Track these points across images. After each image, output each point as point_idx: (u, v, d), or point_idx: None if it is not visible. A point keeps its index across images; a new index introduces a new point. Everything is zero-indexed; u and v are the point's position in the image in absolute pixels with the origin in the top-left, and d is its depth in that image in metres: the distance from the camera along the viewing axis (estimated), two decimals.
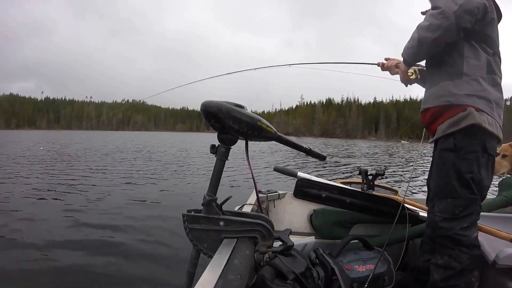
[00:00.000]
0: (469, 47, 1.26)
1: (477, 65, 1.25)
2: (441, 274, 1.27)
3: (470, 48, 1.26)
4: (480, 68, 1.25)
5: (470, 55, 1.26)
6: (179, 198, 5.86)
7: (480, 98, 1.23)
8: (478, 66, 1.25)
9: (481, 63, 1.26)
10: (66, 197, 5.62)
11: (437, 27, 1.21)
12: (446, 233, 1.27)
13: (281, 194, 1.93)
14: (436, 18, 1.20)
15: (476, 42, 1.27)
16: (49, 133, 59.75)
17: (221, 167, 1.12)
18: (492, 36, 1.30)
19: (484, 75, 1.25)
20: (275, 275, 1.07)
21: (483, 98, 1.24)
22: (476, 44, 1.27)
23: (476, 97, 1.23)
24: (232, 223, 1.07)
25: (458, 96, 1.24)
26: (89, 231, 3.80)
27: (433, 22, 1.21)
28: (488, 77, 1.26)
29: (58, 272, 2.75)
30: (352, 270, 1.35)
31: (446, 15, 1.18)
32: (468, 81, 1.24)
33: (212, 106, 1.04)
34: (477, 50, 1.26)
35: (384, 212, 1.75)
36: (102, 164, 11.01)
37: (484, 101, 1.24)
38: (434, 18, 1.21)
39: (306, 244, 1.59)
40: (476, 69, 1.25)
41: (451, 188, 1.27)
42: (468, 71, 1.25)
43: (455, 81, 1.26)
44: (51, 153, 15.51)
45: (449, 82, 1.28)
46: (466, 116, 1.22)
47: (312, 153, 1.36)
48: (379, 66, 1.67)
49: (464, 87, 1.24)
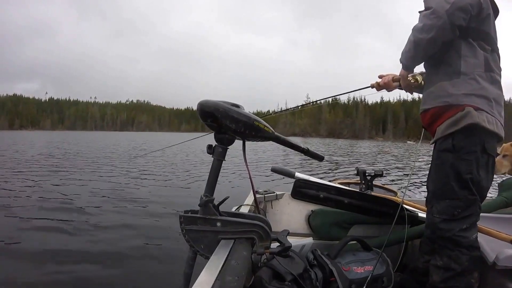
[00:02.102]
0: (466, 45, 1.25)
1: (475, 63, 1.24)
2: (441, 275, 1.26)
3: (467, 46, 1.25)
4: (478, 66, 1.24)
5: (468, 53, 1.25)
6: (176, 199, 5.83)
7: (479, 96, 1.22)
8: (476, 64, 1.24)
9: (479, 61, 1.25)
10: (60, 197, 5.60)
11: (430, 27, 1.20)
12: (445, 235, 1.26)
13: (278, 194, 1.92)
14: (429, 18, 1.20)
15: (473, 39, 1.26)
16: (51, 134, 59.32)
17: (218, 168, 1.10)
18: (490, 33, 1.29)
19: (482, 73, 1.24)
20: (272, 276, 1.06)
21: (482, 96, 1.23)
22: (473, 41, 1.26)
23: (474, 96, 1.22)
24: (229, 224, 1.06)
25: (456, 96, 1.23)
26: (84, 232, 3.77)
27: (426, 23, 1.21)
28: (487, 75, 1.25)
29: (53, 274, 2.73)
30: (351, 272, 1.34)
31: (438, 15, 1.17)
32: (466, 80, 1.23)
33: (209, 106, 1.03)
34: (474, 48, 1.25)
35: (382, 213, 1.74)
36: (98, 165, 10.97)
37: (483, 100, 1.23)
38: (427, 19, 1.21)
39: (304, 245, 1.58)
40: (474, 67, 1.24)
41: (450, 189, 1.26)
42: (466, 70, 1.24)
43: (453, 80, 1.25)
44: (50, 153, 15.46)
45: (447, 82, 1.27)
46: (465, 116, 1.21)
47: (310, 153, 1.35)
48: (373, 88, 1.63)
49: (462, 87, 1.23)
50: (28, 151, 16.31)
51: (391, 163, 15.68)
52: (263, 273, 1.04)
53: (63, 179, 7.58)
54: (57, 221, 4.17)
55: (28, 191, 6.07)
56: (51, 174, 8.44)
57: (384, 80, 1.57)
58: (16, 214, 4.45)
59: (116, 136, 52.92)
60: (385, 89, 1.59)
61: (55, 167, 10.05)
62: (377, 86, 1.61)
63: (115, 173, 8.92)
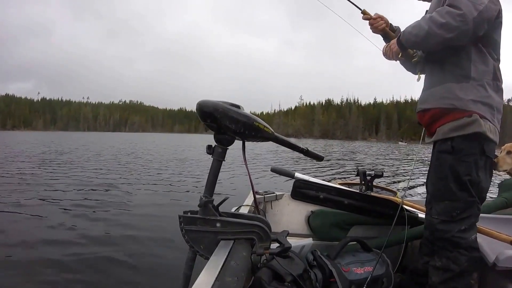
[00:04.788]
0: (477, 51, 1.24)
1: (485, 70, 1.24)
2: (440, 276, 1.26)
3: (477, 52, 1.24)
4: (488, 74, 1.24)
5: (478, 59, 1.24)
6: (175, 200, 5.83)
7: (485, 104, 1.23)
8: (486, 72, 1.24)
9: (488, 69, 1.25)
10: (60, 198, 5.59)
11: (453, 28, 1.15)
12: (444, 236, 1.26)
13: (278, 195, 1.92)
14: (454, 19, 1.14)
15: (483, 46, 1.25)
16: (44, 135, 58.97)
17: (218, 168, 1.10)
18: (498, 41, 1.28)
19: (490, 81, 1.24)
20: (272, 277, 1.06)
21: (487, 104, 1.23)
22: (483, 48, 1.25)
23: (481, 103, 1.22)
24: (229, 224, 1.06)
25: (464, 101, 1.22)
26: (83, 233, 3.76)
27: (451, 22, 1.15)
28: (493, 83, 1.25)
29: (54, 274, 2.73)
30: (350, 272, 1.34)
31: (465, 19, 1.13)
32: (475, 86, 1.23)
33: (208, 106, 1.03)
34: (485, 55, 1.25)
35: (382, 214, 1.74)
36: (98, 166, 10.96)
37: (488, 108, 1.23)
38: (452, 19, 1.15)
39: (304, 245, 1.57)
40: (483, 74, 1.24)
41: (449, 190, 1.26)
42: (476, 75, 1.23)
43: (462, 84, 1.24)
44: (48, 153, 15.46)
45: (455, 84, 1.25)
46: (472, 123, 1.21)
47: (309, 153, 1.35)
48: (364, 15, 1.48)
49: (471, 92, 1.22)
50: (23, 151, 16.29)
51: (391, 163, 15.70)
52: (263, 274, 1.04)
53: (59, 181, 7.57)
54: (57, 221, 4.17)
55: (25, 192, 6.07)
56: (49, 174, 8.44)
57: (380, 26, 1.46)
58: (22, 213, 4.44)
59: (110, 137, 52.64)
60: (373, 26, 1.47)
61: (54, 167, 10.04)
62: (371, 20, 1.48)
63: (115, 173, 8.92)
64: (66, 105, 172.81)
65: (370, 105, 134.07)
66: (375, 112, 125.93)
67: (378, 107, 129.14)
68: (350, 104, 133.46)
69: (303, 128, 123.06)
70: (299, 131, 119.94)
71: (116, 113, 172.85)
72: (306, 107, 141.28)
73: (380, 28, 1.47)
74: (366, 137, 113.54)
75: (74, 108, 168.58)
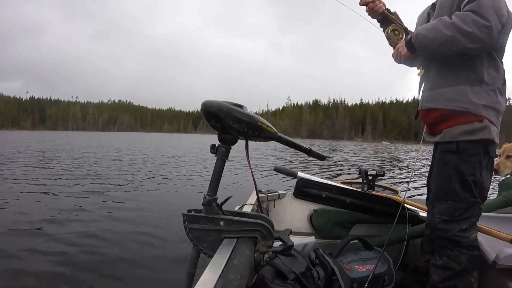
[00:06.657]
0: (488, 57, 1.24)
1: (496, 76, 1.25)
2: (440, 274, 1.27)
3: (489, 58, 1.24)
4: (499, 80, 1.25)
5: (489, 65, 1.24)
6: (179, 198, 5.86)
7: (494, 109, 1.24)
8: (497, 77, 1.25)
9: (500, 75, 1.25)
10: (64, 196, 5.62)
11: (478, 40, 1.12)
12: (445, 235, 1.27)
13: (281, 194, 1.93)
14: (481, 31, 1.11)
15: (495, 52, 1.25)
16: (32, 134, 58.51)
17: (221, 167, 1.12)
18: (506, 48, 1.28)
19: (501, 86, 1.25)
20: (275, 275, 1.07)
21: (496, 110, 1.24)
22: (495, 54, 1.25)
23: (490, 108, 1.23)
24: (232, 223, 1.07)
25: (476, 106, 1.22)
26: (87, 230, 3.79)
27: (477, 34, 1.11)
28: (503, 88, 1.26)
29: (57, 272, 2.75)
30: (352, 270, 1.35)
31: (492, 34, 1.11)
32: (487, 91, 1.23)
33: (213, 106, 1.04)
34: (496, 61, 1.25)
35: (384, 212, 1.75)
36: (99, 166, 10.99)
37: (495, 113, 1.24)
38: (479, 30, 1.11)
39: (306, 244, 1.59)
40: (495, 80, 1.24)
41: (452, 190, 1.26)
42: (489, 80, 1.23)
43: (475, 87, 1.23)
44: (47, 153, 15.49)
45: (468, 87, 1.23)
46: (483, 129, 1.22)
47: (312, 153, 1.36)
48: (363, 6, 1.40)
49: (483, 97, 1.22)
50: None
51: (392, 162, 15.65)
52: (266, 272, 1.05)
53: (64, 180, 7.61)
54: (57, 221, 4.19)
55: (28, 189, 6.10)
56: (51, 174, 8.47)
57: (380, 8, 1.39)
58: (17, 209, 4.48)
59: (99, 137, 52.42)
60: (373, 10, 1.40)
61: (54, 168, 10.08)
62: (370, 3, 1.40)
63: (117, 173, 8.96)
64: (55, 104, 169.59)
65: (357, 106, 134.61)
66: (361, 112, 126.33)
67: (364, 108, 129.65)
68: (337, 104, 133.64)
69: (290, 128, 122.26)
70: (286, 131, 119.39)
71: (105, 112, 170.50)
72: (294, 107, 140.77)
73: (380, 12, 1.39)
74: (352, 137, 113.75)
75: (63, 108, 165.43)
